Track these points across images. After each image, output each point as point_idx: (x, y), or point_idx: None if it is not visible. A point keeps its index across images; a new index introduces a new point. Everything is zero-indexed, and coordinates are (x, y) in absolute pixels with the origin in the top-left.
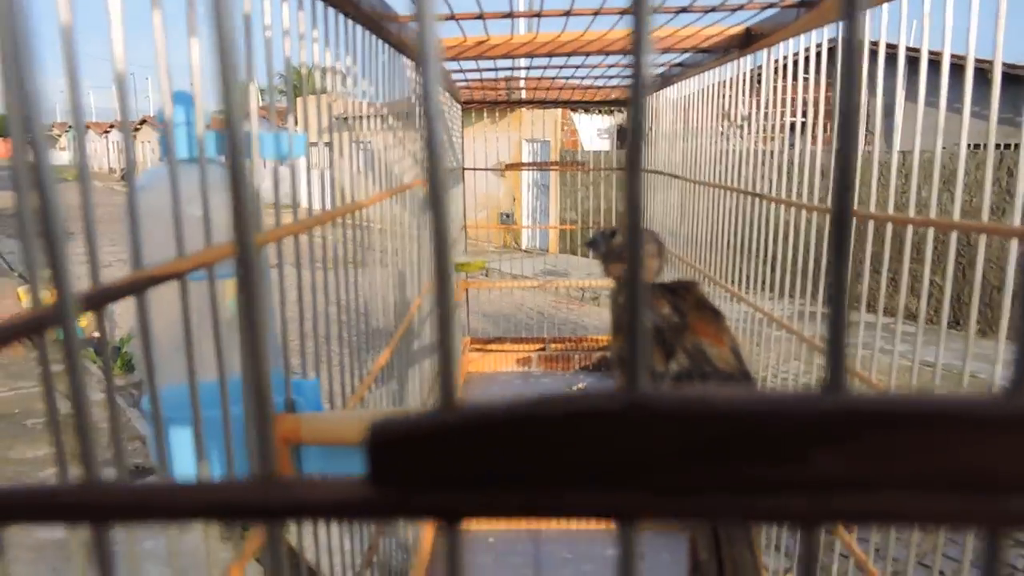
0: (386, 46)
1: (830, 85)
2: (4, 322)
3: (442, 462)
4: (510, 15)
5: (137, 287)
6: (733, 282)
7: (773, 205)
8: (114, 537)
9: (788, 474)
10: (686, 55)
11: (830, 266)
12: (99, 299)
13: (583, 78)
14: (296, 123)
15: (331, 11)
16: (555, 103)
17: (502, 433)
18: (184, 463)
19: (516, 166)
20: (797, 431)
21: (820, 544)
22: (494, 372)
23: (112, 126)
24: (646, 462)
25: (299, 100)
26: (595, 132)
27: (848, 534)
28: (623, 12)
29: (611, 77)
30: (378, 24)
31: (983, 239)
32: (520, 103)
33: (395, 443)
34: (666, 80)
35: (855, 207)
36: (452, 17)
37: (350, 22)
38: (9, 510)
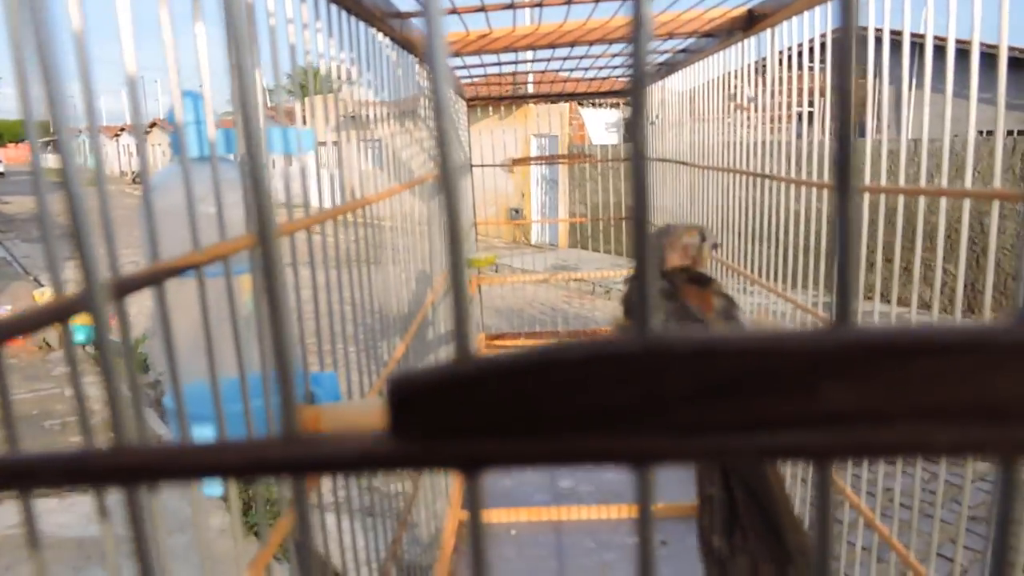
0: (389, 42)
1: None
2: (35, 309)
3: (461, 412)
4: (511, 6)
5: (156, 278)
6: (746, 268)
7: (783, 188)
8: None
9: (800, 409)
10: (690, 40)
11: (835, 204)
12: (119, 290)
13: (587, 69)
14: (304, 121)
15: (334, 8)
16: (560, 96)
17: (518, 380)
18: None
19: (523, 160)
20: (808, 366)
21: (833, 479)
22: None
23: (123, 129)
24: (661, 403)
25: (306, 100)
26: (603, 126)
27: (869, 512)
28: None
29: (616, 67)
30: (381, 21)
31: (994, 224)
32: (526, 98)
33: (415, 396)
34: (671, 67)
35: (867, 183)
36: (454, 11)
37: (353, 19)
38: (41, 474)
